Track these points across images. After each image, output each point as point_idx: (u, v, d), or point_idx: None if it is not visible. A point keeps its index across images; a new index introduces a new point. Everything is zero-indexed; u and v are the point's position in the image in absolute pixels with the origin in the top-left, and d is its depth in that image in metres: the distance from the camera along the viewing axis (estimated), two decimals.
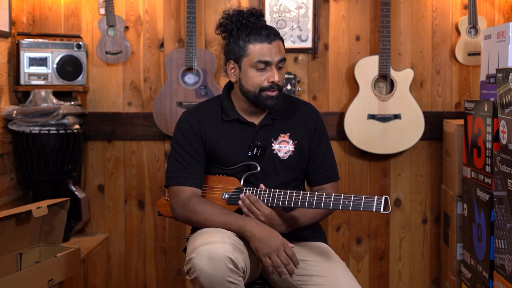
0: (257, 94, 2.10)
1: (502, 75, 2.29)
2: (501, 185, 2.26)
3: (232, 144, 2.15)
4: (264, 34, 2.07)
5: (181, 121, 2.19)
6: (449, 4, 3.40)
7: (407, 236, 3.47)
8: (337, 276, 2.04)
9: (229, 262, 1.88)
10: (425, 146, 3.44)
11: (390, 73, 3.26)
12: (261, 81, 2.09)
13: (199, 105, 2.25)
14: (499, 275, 2.30)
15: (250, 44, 2.07)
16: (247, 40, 2.08)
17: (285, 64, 2.13)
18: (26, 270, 2.36)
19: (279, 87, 2.10)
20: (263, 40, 2.07)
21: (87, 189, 3.42)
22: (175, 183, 2.13)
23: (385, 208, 1.88)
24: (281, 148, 2.17)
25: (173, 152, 2.17)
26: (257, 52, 2.07)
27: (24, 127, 3.02)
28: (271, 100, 2.09)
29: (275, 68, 2.08)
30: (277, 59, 2.08)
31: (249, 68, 2.09)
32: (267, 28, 2.10)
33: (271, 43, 2.07)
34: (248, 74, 2.10)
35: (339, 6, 3.39)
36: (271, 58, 2.07)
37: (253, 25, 2.09)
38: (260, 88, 2.09)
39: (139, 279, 3.46)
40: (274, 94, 2.10)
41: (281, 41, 2.12)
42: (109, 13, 3.26)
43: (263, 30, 2.08)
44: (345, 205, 1.93)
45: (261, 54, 2.07)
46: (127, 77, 3.40)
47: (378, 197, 1.90)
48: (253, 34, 2.07)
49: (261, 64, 2.07)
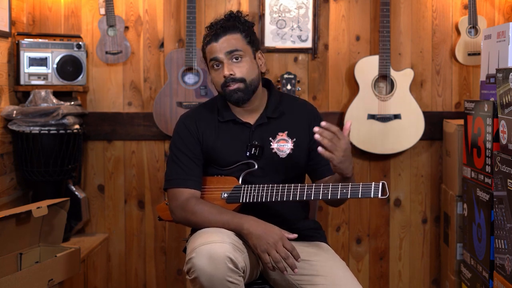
0: (222, 92, 2.14)
1: (502, 75, 2.29)
2: (501, 185, 2.26)
3: (230, 145, 2.15)
4: (212, 34, 2.12)
5: (178, 124, 2.21)
6: (449, 4, 3.40)
7: (407, 236, 3.47)
8: (338, 275, 2.03)
9: (229, 262, 1.88)
10: (425, 146, 3.44)
11: (390, 73, 3.26)
12: (219, 78, 2.12)
13: (196, 108, 2.26)
14: (499, 275, 2.30)
15: (206, 47, 2.16)
16: (204, 44, 2.16)
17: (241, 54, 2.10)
18: (26, 270, 2.36)
19: (236, 79, 2.09)
20: (212, 40, 2.12)
21: (87, 189, 3.42)
22: (174, 186, 2.13)
23: (383, 193, 1.88)
24: (280, 146, 2.17)
25: (171, 155, 2.18)
26: (209, 52, 2.14)
27: (24, 127, 3.02)
28: (235, 95, 2.10)
29: (226, 62, 2.10)
30: (223, 53, 2.10)
31: (210, 70, 2.16)
32: (218, 27, 2.12)
33: (218, 40, 2.11)
34: (211, 75, 2.17)
35: (339, 6, 3.39)
36: (217, 54, 2.10)
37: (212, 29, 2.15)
38: (220, 85, 2.12)
39: (139, 279, 3.47)
40: (234, 87, 2.10)
41: (238, 32, 2.12)
42: (109, 13, 3.26)
43: (213, 30, 2.13)
44: (343, 193, 1.93)
45: (211, 52, 2.13)
46: (127, 77, 3.40)
47: (375, 183, 1.90)
48: (206, 38, 2.15)
49: (213, 62, 2.12)
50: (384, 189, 1.89)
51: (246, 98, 2.12)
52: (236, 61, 2.10)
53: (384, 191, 1.89)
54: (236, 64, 2.10)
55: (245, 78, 2.10)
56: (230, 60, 2.10)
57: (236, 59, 2.11)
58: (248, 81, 2.11)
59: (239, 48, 2.11)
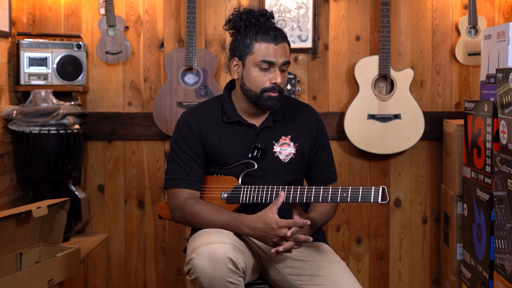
0: (258, 94, 2.09)
1: (502, 75, 2.29)
2: (501, 185, 2.26)
3: (232, 146, 2.15)
4: (271, 35, 2.07)
5: (180, 122, 2.18)
6: (449, 4, 3.40)
7: (407, 236, 3.47)
8: (338, 276, 2.04)
9: (229, 262, 1.88)
10: (425, 146, 3.44)
11: (390, 73, 3.26)
12: (263, 81, 2.08)
13: (199, 106, 2.24)
14: (499, 275, 2.30)
15: (256, 42, 2.07)
16: (254, 39, 2.07)
17: (288, 67, 2.13)
18: (26, 270, 2.36)
19: (280, 89, 2.10)
20: (270, 40, 2.06)
21: (87, 189, 3.42)
22: (174, 185, 2.13)
23: (382, 198, 1.88)
24: (283, 150, 2.17)
25: (172, 153, 2.17)
26: (262, 51, 2.07)
27: (24, 127, 3.02)
28: (271, 101, 2.09)
29: (278, 69, 2.08)
30: (281, 61, 2.08)
31: (252, 67, 2.09)
32: (275, 30, 2.10)
33: (278, 45, 2.07)
34: (251, 72, 2.09)
35: (339, 6, 3.39)
36: (275, 59, 2.07)
37: (262, 25, 2.10)
38: (262, 88, 2.09)
39: (139, 279, 3.47)
40: (275, 95, 2.09)
41: (288, 44, 2.12)
42: (109, 13, 3.26)
43: (271, 30, 2.08)
44: (343, 197, 1.94)
45: (266, 54, 2.06)
46: (127, 77, 3.40)
47: (375, 188, 1.90)
48: (261, 33, 2.07)
49: (265, 64, 2.07)
50: (384, 194, 1.89)
51: (278, 108, 2.13)
52: (283, 71, 2.11)
53: (384, 196, 1.89)
54: (282, 74, 2.11)
55: (283, 90, 2.13)
56: (280, 68, 2.09)
57: (285, 69, 2.12)
58: (283, 92, 2.13)
59: (290, 61, 2.13)
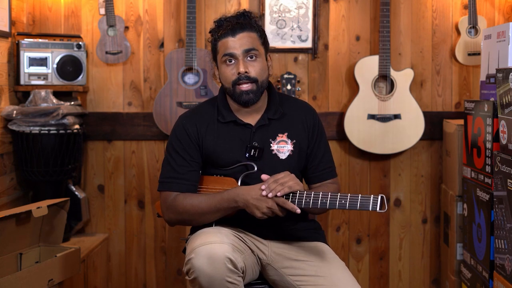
0: (231, 89, 2.11)
1: (502, 75, 2.29)
2: (501, 185, 2.26)
3: (229, 146, 2.14)
4: (229, 29, 2.10)
5: (177, 126, 2.18)
6: (449, 4, 3.40)
7: (407, 236, 3.47)
8: (336, 276, 2.03)
9: (228, 262, 1.88)
10: (425, 146, 3.44)
11: (390, 73, 3.26)
12: (231, 74, 2.09)
13: (195, 108, 2.24)
14: (499, 275, 2.30)
15: (219, 41, 2.12)
16: (217, 38, 2.12)
17: (257, 54, 2.10)
18: (26, 270, 2.36)
19: (250, 78, 2.08)
20: (227, 34, 2.09)
21: (87, 189, 3.42)
22: (167, 189, 2.13)
23: (381, 207, 1.88)
24: (280, 148, 2.16)
25: (167, 157, 2.16)
26: (223, 46, 2.10)
27: (24, 127, 3.02)
28: (245, 95, 2.09)
29: (241, 59, 2.08)
30: (242, 50, 2.08)
31: (221, 65, 2.13)
32: (235, 23, 2.11)
33: (235, 36, 2.08)
34: (221, 70, 2.13)
35: (339, 6, 3.39)
36: (234, 50, 2.08)
37: (224, 24, 2.13)
38: (231, 82, 2.10)
39: (139, 279, 3.47)
40: (247, 88, 2.08)
41: (254, 32, 2.12)
42: (109, 13, 3.26)
43: (230, 25, 2.10)
44: (342, 204, 1.93)
45: (226, 47, 2.09)
46: (127, 77, 3.40)
47: (374, 196, 1.89)
48: (221, 31, 2.11)
49: (227, 57, 2.09)
50: (382, 202, 1.88)
51: (256, 100, 2.12)
52: (251, 59, 2.09)
53: (383, 205, 1.88)
54: (250, 63, 2.09)
55: (257, 79, 2.10)
56: (245, 58, 2.09)
57: (251, 57, 2.10)
58: (259, 82, 2.11)
59: (255, 47, 2.10)
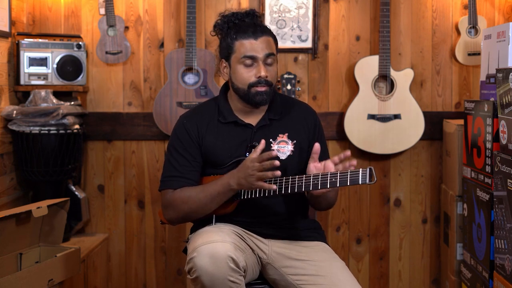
0: (246, 90, 2.11)
1: (502, 75, 2.29)
2: (501, 185, 2.26)
3: (230, 146, 2.15)
4: (250, 31, 2.10)
5: (178, 126, 2.19)
6: (449, 4, 3.40)
7: (407, 236, 3.47)
8: (336, 275, 2.04)
9: (230, 261, 1.88)
10: (425, 146, 3.44)
11: (390, 73, 3.26)
12: (248, 76, 2.10)
13: (195, 108, 2.25)
14: (499, 275, 2.30)
15: (237, 41, 2.11)
16: (235, 38, 2.11)
17: (274, 59, 2.13)
18: (26, 270, 2.36)
19: (268, 82, 2.10)
20: (249, 36, 2.09)
21: (87, 189, 3.42)
22: (168, 187, 2.14)
23: (370, 179, 1.89)
24: (281, 148, 2.17)
25: (168, 156, 2.17)
26: (243, 48, 2.10)
27: (24, 127, 3.01)
28: (259, 96, 2.10)
29: (262, 63, 2.09)
30: (263, 53, 2.09)
31: (237, 65, 2.12)
32: (255, 26, 2.12)
33: (257, 39, 2.09)
34: (237, 70, 2.12)
35: (339, 6, 3.40)
36: (256, 53, 2.09)
37: (242, 24, 2.13)
38: (248, 84, 2.10)
39: (139, 279, 3.46)
40: (263, 89, 2.10)
41: (271, 37, 2.14)
42: (109, 13, 3.26)
43: (250, 27, 2.11)
44: (333, 182, 1.94)
45: (247, 49, 2.09)
46: (127, 77, 3.40)
47: (363, 170, 1.90)
48: (240, 32, 2.11)
49: (248, 60, 2.09)
50: (371, 174, 1.89)
51: (267, 102, 2.14)
52: (269, 64, 2.12)
53: (372, 177, 1.89)
54: (268, 67, 2.11)
55: (272, 83, 2.13)
56: (264, 62, 2.10)
57: (270, 62, 2.12)
58: (273, 86, 2.14)
59: (274, 53, 2.13)
